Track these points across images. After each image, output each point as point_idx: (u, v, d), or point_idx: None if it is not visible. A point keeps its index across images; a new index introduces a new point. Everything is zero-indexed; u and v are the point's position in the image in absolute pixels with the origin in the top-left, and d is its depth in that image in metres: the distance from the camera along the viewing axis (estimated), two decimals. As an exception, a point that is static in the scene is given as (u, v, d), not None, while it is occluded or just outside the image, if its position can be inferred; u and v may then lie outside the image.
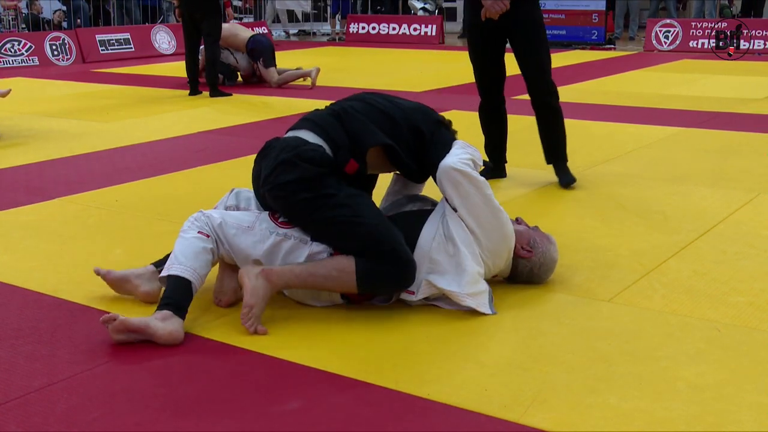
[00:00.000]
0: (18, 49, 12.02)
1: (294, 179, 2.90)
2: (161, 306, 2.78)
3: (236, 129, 6.84)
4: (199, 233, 2.92)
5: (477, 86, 4.83)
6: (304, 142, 3.00)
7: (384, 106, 3.16)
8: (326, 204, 2.89)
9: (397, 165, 3.17)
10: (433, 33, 15.64)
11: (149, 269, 3.07)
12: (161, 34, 13.64)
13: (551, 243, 3.23)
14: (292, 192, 2.91)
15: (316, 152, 2.96)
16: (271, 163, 2.98)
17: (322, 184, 2.91)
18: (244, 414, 2.30)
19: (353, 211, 2.89)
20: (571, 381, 2.47)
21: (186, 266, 2.84)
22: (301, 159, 2.92)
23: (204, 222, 2.96)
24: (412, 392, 2.41)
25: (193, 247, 2.89)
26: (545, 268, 3.20)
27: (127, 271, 3.08)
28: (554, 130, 4.79)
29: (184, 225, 2.99)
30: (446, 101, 8.17)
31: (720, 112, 7.39)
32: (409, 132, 3.11)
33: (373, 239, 2.87)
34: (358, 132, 3.05)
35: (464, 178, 2.99)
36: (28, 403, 2.35)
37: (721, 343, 2.74)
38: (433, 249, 2.98)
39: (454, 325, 2.88)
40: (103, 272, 3.06)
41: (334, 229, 2.91)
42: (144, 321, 2.71)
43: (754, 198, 4.48)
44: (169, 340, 2.70)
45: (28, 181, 5.05)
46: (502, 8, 4.40)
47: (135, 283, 3.04)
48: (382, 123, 3.10)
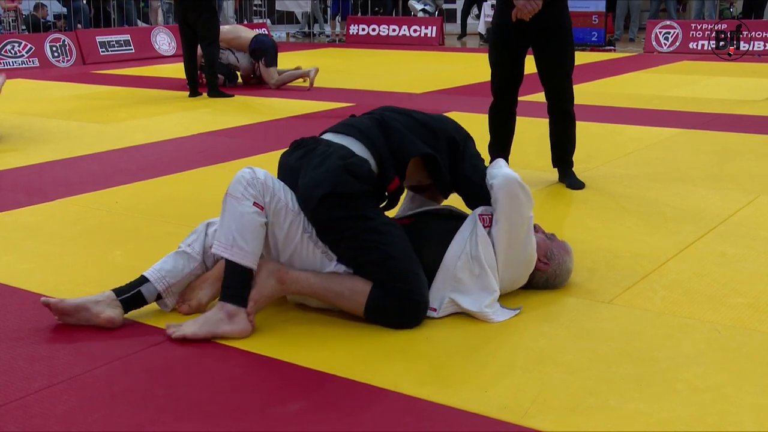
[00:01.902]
0: (18, 50, 12.03)
1: (336, 194, 2.81)
2: (225, 297, 2.77)
3: (236, 130, 6.85)
4: (255, 205, 2.78)
5: (492, 86, 4.82)
6: (351, 154, 2.91)
7: (422, 118, 3.13)
8: (360, 227, 2.84)
9: (435, 176, 3.12)
10: (433, 34, 15.65)
11: (108, 295, 2.88)
12: (161, 35, 13.65)
13: (567, 253, 3.22)
14: (330, 207, 2.82)
15: (362, 168, 2.89)
16: (313, 169, 2.87)
17: (361, 204, 2.86)
18: (245, 415, 2.30)
19: (385, 240, 2.85)
20: (571, 382, 2.47)
21: (248, 252, 2.76)
22: (347, 172, 2.84)
23: (259, 190, 2.80)
24: (412, 393, 2.41)
25: (251, 225, 2.76)
26: (560, 279, 3.20)
27: (83, 298, 2.88)
28: (568, 136, 4.81)
29: (236, 188, 2.80)
30: (446, 103, 8.17)
31: (720, 113, 7.39)
32: (446, 143, 3.10)
33: (394, 273, 2.84)
34: (400, 143, 2.99)
35: (524, 194, 3.01)
36: (28, 405, 2.35)
37: (721, 344, 2.74)
38: (458, 267, 2.95)
39: (454, 326, 2.88)
40: (54, 301, 2.84)
41: (361, 254, 2.86)
42: (211, 331, 2.74)
43: (754, 199, 4.48)
44: (239, 338, 2.75)
45: (28, 183, 5.05)
46: (534, 8, 4.40)
47: (95, 310, 2.83)
48: (423, 134, 3.06)
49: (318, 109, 7.90)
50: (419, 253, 2.96)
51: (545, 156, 5.02)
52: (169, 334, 2.76)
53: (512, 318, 2.94)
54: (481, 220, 3.01)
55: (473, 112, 7.22)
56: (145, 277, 2.93)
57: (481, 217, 3.02)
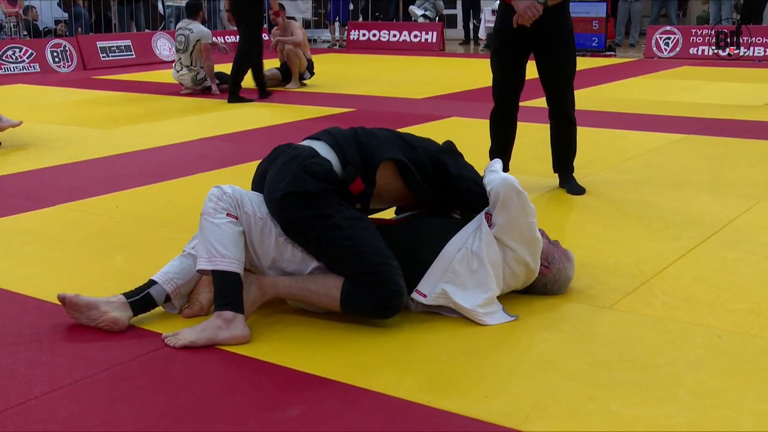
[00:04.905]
0: (19, 56, 12.05)
1: (295, 193, 2.86)
2: (220, 306, 2.77)
3: (236, 136, 6.85)
4: (228, 216, 2.86)
5: (493, 91, 4.82)
6: (313, 154, 2.95)
7: (406, 135, 3.16)
8: (322, 224, 2.85)
9: (409, 183, 3.08)
10: (434, 40, 15.67)
11: (119, 298, 2.91)
12: (162, 41, 13.66)
13: (569, 260, 3.21)
14: (292, 207, 2.87)
15: (322, 167, 2.91)
16: (276, 170, 2.94)
17: (322, 202, 2.87)
18: (244, 421, 2.30)
19: (348, 234, 2.85)
20: (572, 388, 2.47)
21: (232, 259, 2.80)
22: (306, 172, 2.88)
23: (229, 203, 2.88)
24: (412, 399, 2.41)
25: (229, 233, 2.83)
26: (558, 284, 3.19)
27: (96, 298, 2.91)
28: (569, 141, 4.82)
29: (207, 206, 2.89)
30: (446, 108, 8.19)
31: (720, 118, 7.40)
32: (428, 160, 3.09)
33: (364, 265, 2.84)
34: (372, 148, 3.00)
35: (521, 200, 2.99)
36: (28, 410, 2.35)
37: (721, 349, 2.74)
38: (456, 260, 2.96)
39: (454, 331, 2.88)
40: (70, 296, 2.88)
41: (327, 251, 2.88)
42: (210, 339, 2.73)
43: (754, 205, 4.49)
44: (237, 344, 2.74)
45: (29, 188, 5.05)
46: (535, 14, 4.41)
47: (103, 309, 2.86)
48: (400, 145, 3.07)
49: (318, 115, 7.91)
50: (415, 246, 2.98)
51: (546, 161, 5.02)
52: (167, 343, 2.76)
53: (513, 323, 2.94)
54: (487, 218, 3.02)
55: (474, 117, 7.23)
56: (153, 281, 2.96)
57: (487, 216, 3.03)
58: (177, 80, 9.53)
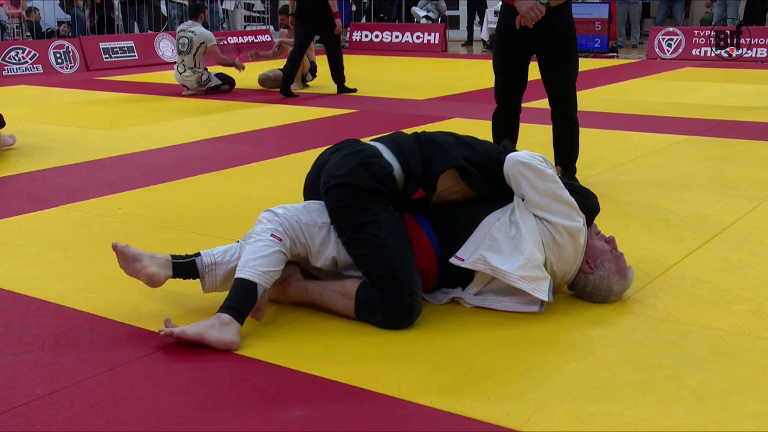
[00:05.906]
0: (22, 57, 12.07)
1: (349, 184, 2.94)
2: (223, 308, 2.79)
3: (238, 137, 6.85)
4: (272, 236, 2.90)
5: (495, 93, 4.83)
6: (377, 154, 3.04)
7: (465, 137, 3.23)
8: (363, 219, 2.91)
9: (474, 186, 3.13)
10: (436, 41, 15.68)
11: (165, 257, 3.02)
12: (165, 42, 13.67)
13: (620, 276, 3.11)
14: (342, 195, 2.94)
15: (383, 168, 2.99)
16: (340, 158, 3.03)
17: (371, 200, 2.94)
18: (248, 422, 2.30)
19: (385, 235, 2.91)
20: (574, 389, 2.47)
21: (254, 269, 2.83)
22: (365, 168, 2.96)
23: (277, 223, 2.94)
24: (415, 400, 2.41)
25: (265, 249, 2.87)
26: (597, 292, 3.11)
27: (143, 251, 3.02)
28: (571, 142, 4.82)
29: (256, 228, 2.96)
30: (449, 109, 8.19)
31: (723, 120, 7.39)
32: (488, 160, 3.13)
33: (388, 267, 2.88)
34: (433, 156, 3.07)
35: (530, 171, 3.02)
36: (31, 411, 2.35)
37: (724, 351, 2.73)
38: (495, 227, 3.01)
39: (457, 332, 2.88)
40: (121, 246, 2.99)
41: (359, 245, 2.93)
42: (199, 334, 2.73)
43: (757, 206, 4.48)
44: (224, 348, 2.74)
45: (31, 189, 5.06)
46: (537, 15, 4.41)
47: (146, 263, 2.97)
48: (460, 148, 3.14)
49: (321, 116, 7.91)
50: (451, 220, 3.06)
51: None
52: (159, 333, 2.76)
53: (513, 323, 2.93)
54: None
55: (477, 119, 7.23)
56: (199, 253, 3.04)
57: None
58: (180, 82, 9.54)
